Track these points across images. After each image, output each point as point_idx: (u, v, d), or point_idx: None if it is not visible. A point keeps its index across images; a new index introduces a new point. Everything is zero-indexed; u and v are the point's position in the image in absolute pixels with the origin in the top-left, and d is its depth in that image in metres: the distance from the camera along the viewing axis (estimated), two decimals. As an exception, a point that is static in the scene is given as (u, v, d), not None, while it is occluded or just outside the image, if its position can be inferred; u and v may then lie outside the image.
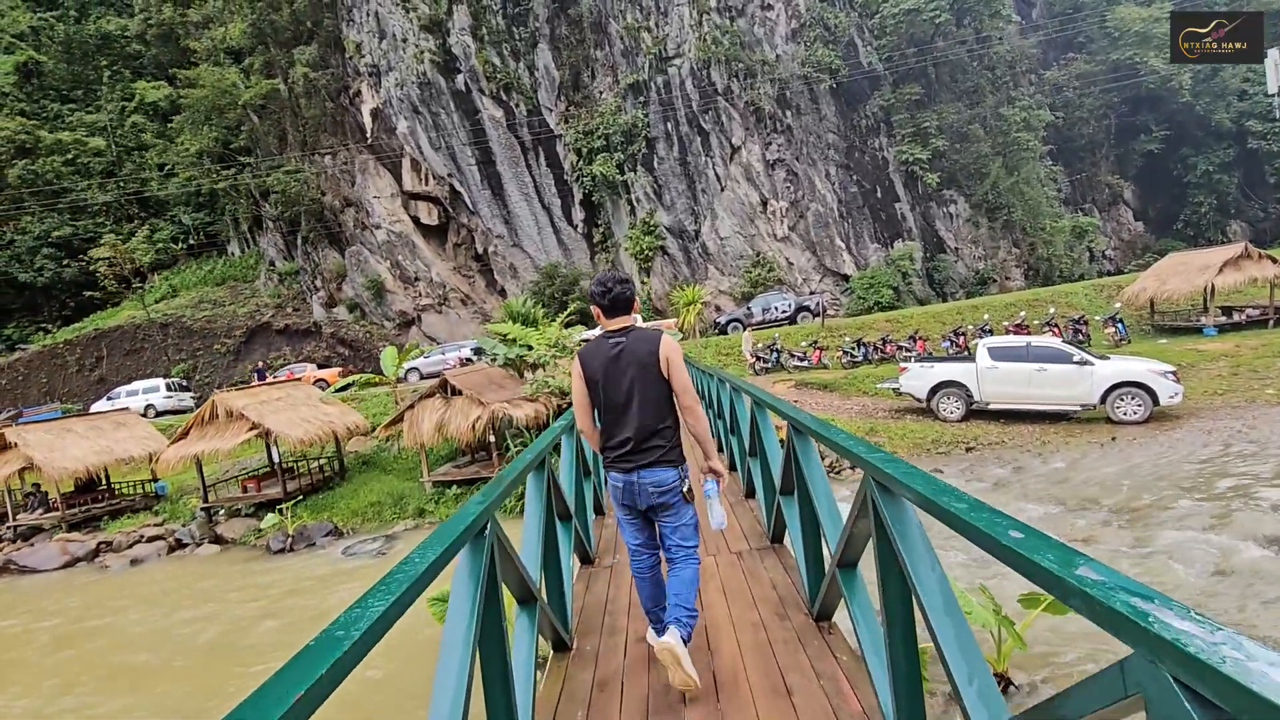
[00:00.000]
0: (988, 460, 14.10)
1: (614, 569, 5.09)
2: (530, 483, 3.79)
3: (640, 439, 3.22)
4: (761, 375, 22.08)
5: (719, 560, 4.91)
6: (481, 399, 15.30)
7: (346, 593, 11.16)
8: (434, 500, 15.85)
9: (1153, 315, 22.56)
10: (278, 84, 36.21)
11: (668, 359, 3.22)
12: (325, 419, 17.29)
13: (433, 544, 1.97)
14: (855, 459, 2.56)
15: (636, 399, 3.20)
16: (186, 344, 36.25)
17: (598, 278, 3.35)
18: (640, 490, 3.25)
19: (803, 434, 3.75)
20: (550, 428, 5.10)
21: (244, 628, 10.67)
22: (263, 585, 12.46)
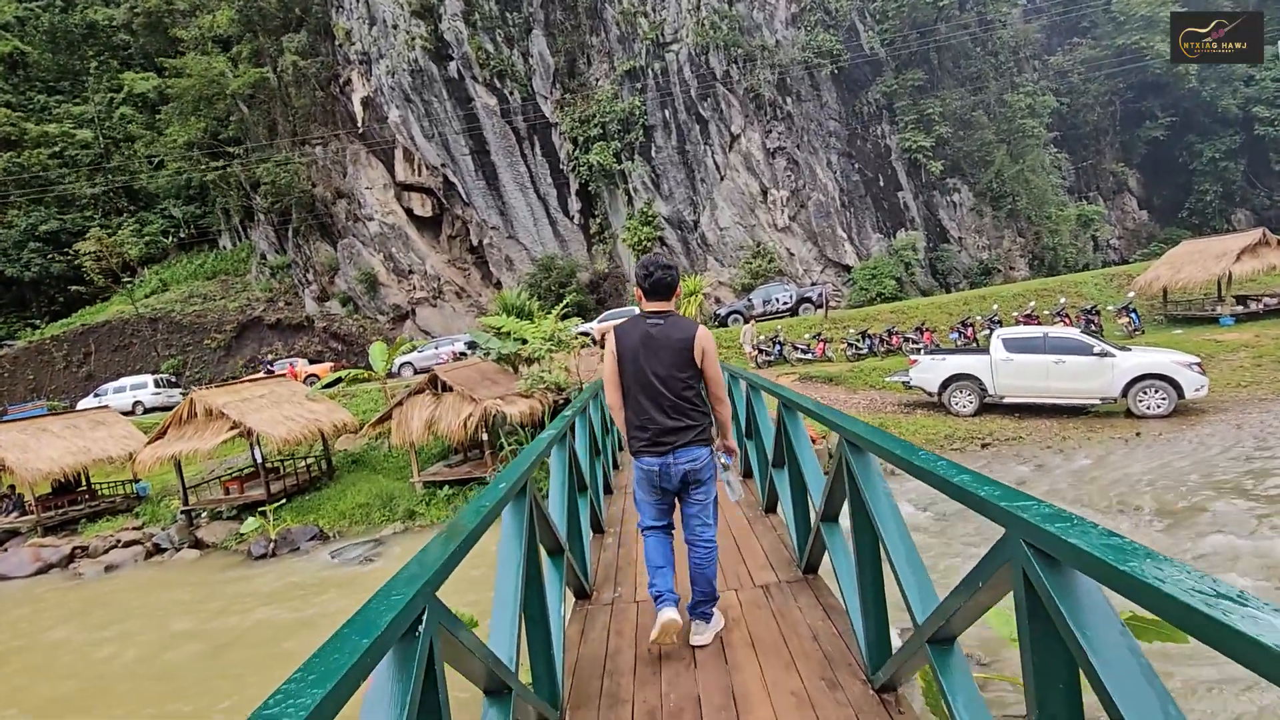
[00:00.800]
0: (1006, 458, 13.29)
1: (621, 536, 5.54)
2: (554, 454, 4.13)
3: (674, 421, 3.28)
4: (764, 368, 21.24)
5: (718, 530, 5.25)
6: (473, 395, 14.43)
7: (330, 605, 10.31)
8: (425, 501, 15.00)
9: (1166, 305, 21.74)
10: (266, 73, 35.11)
11: (703, 349, 3.30)
12: (311, 417, 16.41)
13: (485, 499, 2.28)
14: (829, 424, 2.98)
15: (672, 382, 3.26)
16: (176, 339, 35.26)
17: (643, 260, 3.37)
18: (675, 472, 3.31)
19: (791, 410, 4.21)
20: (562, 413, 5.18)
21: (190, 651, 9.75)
22: (238, 596, 11.60)
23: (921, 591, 2.31)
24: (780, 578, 4.15)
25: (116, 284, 38.34)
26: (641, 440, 3.31)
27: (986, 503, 1.64)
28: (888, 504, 2.58)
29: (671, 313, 3.34)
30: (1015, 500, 1.58)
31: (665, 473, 3.28)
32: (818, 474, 3.95)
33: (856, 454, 2.72)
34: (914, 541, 2.53)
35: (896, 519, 2.54)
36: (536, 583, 2.79)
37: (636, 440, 3.33)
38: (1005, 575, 1.69)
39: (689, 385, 3.27)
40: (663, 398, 3.23)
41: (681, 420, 3.25)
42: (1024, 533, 1.51)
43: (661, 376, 3.23)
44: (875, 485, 2.65)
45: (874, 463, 2.68)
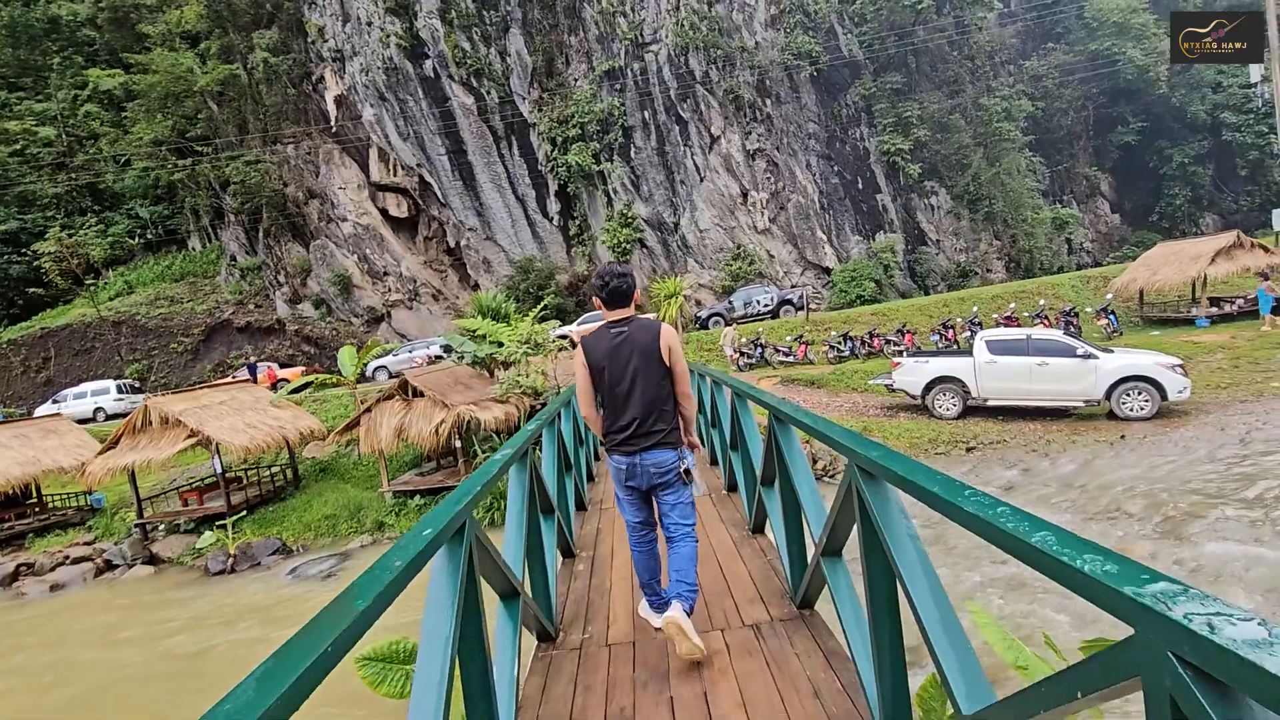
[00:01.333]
0: (991, 461, 12.96)
1: (595, 561, 4.89)
2: (513, 476, 3.68)
3: (643, 423, 3.33)
4: (745, 371, 20.81)
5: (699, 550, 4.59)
6: (446, 401, 13.78)
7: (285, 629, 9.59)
8: (394, 511, 14.30)
9: (1142, 306, 21.73)
10: (236, 69, 33.98)
11: (669, 347, 3.34)
12: (275, 424, 15.60)
13: (407, 547, 1.83)
14: (838, 446, 2.49)
15: (640, 385, 3.31)
16: (141, 343, 33.96)
17: (598, 270, 3.41)
18: (642, 471, 3.37)
19: (784, 422, 3.64)
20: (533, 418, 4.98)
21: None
22: (188, 618, 10.82)
23: (965, 671, 1.78)
24: (772, 614, 3.62)
25: (79, 286, 36.83)
26: (614, 440, 3.41)
27: (1100, 586, 1.09)
28: (912, 547, 2.07)
29: (633, 317, 3.43)
30: (1149, 583, 1.05)
31: (633, 471, 3.38)
32: (814, 495, 3.42)
33: (872, 483, 2.23)
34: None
35: (923, 564, 2.04)
36: (475, 644, 2.28)
37: (610, 440, 3.45)
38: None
39: (660, 386, 3.35)
40: (635, 402, 3.32)
41: (652, 424, 3.34)
42: (1169, 641, 0.99)
43: (632, 381, 3.31)
44: (895, 523, 2.15)
45: (893, 494, 2.18)
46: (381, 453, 14.21)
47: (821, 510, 3.23)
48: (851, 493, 2.37)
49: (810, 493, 3.43)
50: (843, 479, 2.45)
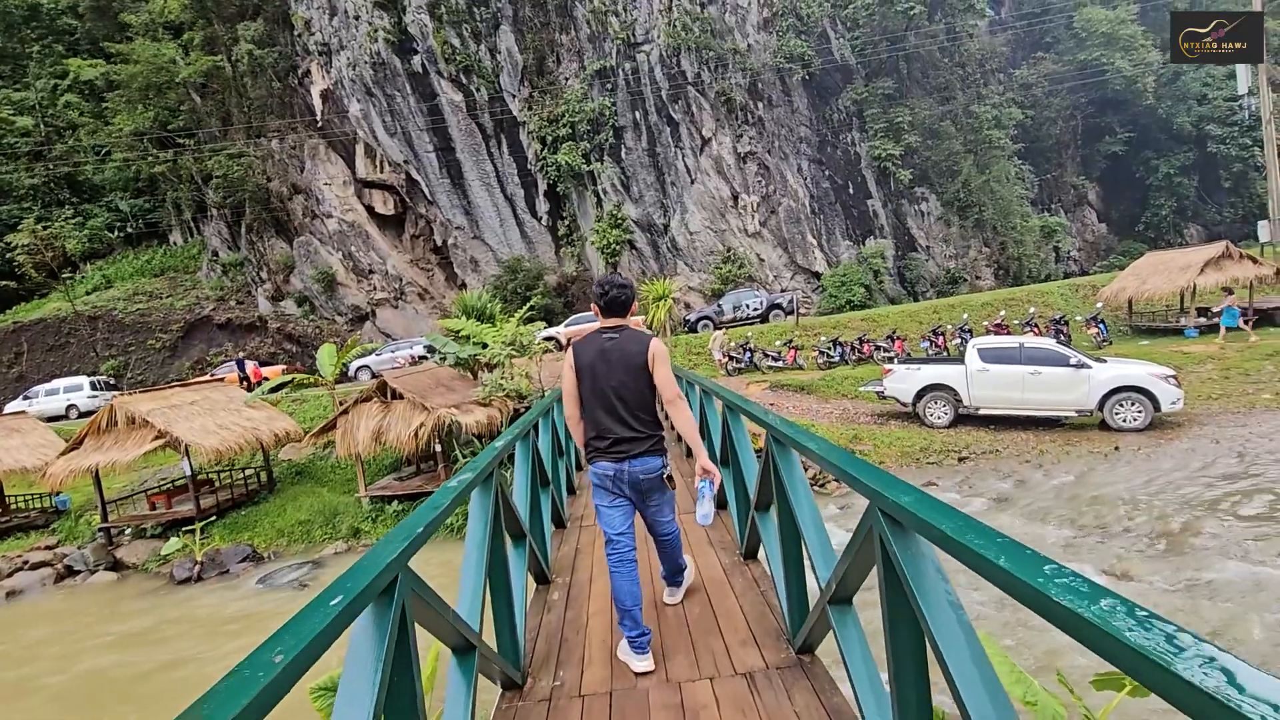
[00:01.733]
0: (984, 472, 12.65)
1: (571, 587, 4.45)
2: (475, 500, 3.22)
3: (631, 431, 3.33)
4: (734, 376, 20.44)
5: None
6: (425, 403, 13.26)
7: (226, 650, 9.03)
8: (371, 518, 13.75)
9: (1131, 315, 21.61)
10: (220, 61, 33.21)
11: (654, 355, 3.34)
12: (249, 425, 15.00)
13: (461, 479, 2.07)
14: (857, 485, 2.03)
15: (627, 394, 3.32)
16: (117, 339, 33.04)
17: (600, 279, 3.48)
18: (630, 477, 3.35)
19: (784, 445, 3.24)
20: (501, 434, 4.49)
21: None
22: (123, 632, 10.20)
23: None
24: (768, 660, 3.18)
25: (54, 279, 35.82)
26: (599, 447, 3.38)
27: None
28: (953, 616, 1.66)
29: (625, 327, 3.44)
30: None
31: (619, 477, 3.35)
32: (818, 527, 3.00)
33: (900, 534, 1.83)
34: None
35: (968, 636, 1.63)
36: None
37: (593, 448, 3.41)
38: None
39: (645, 396, 3.37)
40: (620, 409, 3.33)
41: (638, 430, 3.34)
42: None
43: (618, 389, 3.32)
44: (930, 584, 1.75)
45: (928, 549, 1.80)
46: (358, 456, 13.66)
47: (827, 545, 2.90)
48: (873, 540, 2.00)
49: (813, 524, 3.02)
50: (862, 522, 2.08)
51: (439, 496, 2.57)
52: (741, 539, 4.56)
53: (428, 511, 2.36)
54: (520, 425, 4.79)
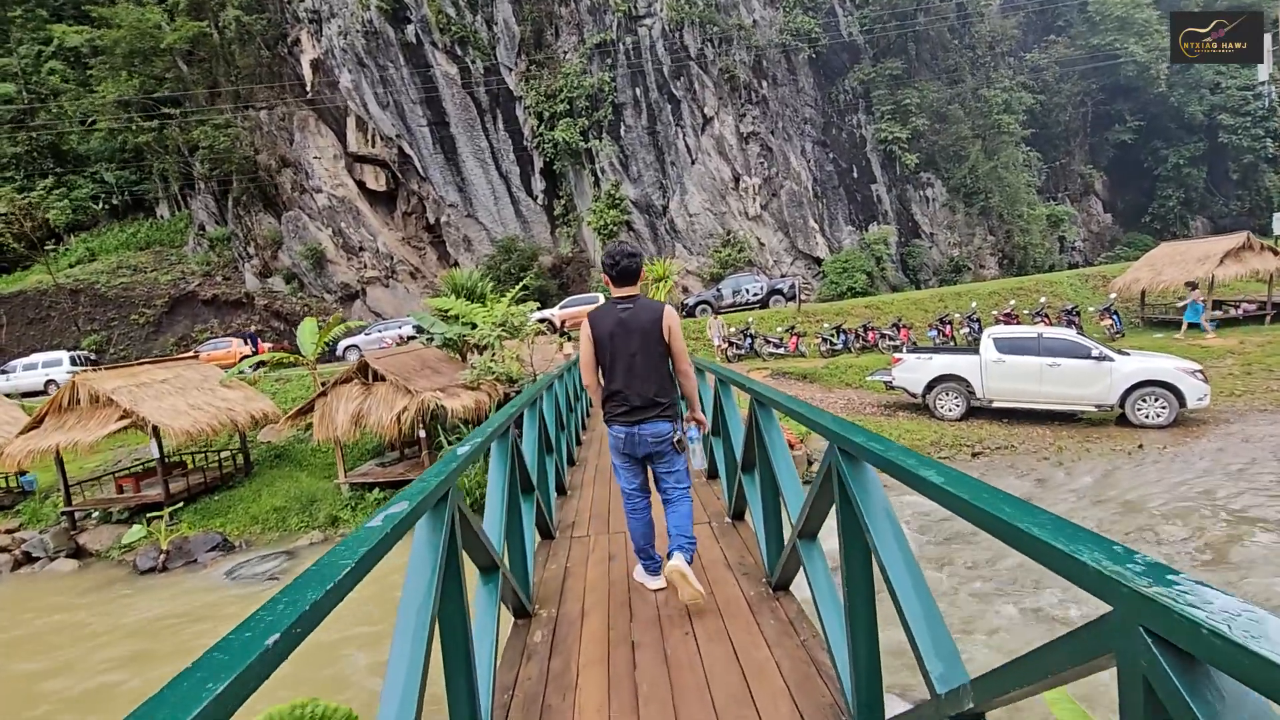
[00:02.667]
0: (1000, 469, 11.84)
1: (571, 544, 4.77)
2: (494, 451, 3.58)
3: (644, 396, 3.48)
4: (734, 363, 19.56)
5: None
6: (409, 386, 12.33)
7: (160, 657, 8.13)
8: (350, 506, 12.86)
9: (1143, 307, 20.79)
10: (206, 27, 31.72)
11: (669, 327, 3.48)
12: (223, 406, 14.04)
13: (390, 513, 1.78)
14: (819, 428, 2.44)
15: (641, 360, 3.47)
16: (100, 313, 31.87)
17: (608, 249, 3.58)
18: (640, 440, 3.52)
19: (765, 406, 3.58)
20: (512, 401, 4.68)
21: None
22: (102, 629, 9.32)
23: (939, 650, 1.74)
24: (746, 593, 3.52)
25: (36, 251, 34.54)
26: (615, 412, 3.54)
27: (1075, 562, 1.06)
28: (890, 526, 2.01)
29: (639, 296, 3.54)
30: (1124, 560, 1.03)
31: (631, 439, 3.53)
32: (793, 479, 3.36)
33: (852, 464, 2.17)
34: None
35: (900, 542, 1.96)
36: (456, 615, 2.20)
37: (610, 412, 3.57)
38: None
39: (659, 363, 3.49)
40: (636, 375, 3.46)
41: (651, 396, 3.47)
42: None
43: (634, 356, 3.45)
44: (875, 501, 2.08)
45: (872, 474, 2.13)
46: (338, 441, 12.74)
47: (800, 494, 3.15)
48: (831, 474, 2.32)
49: (790, 477, 3.36)
50: (823, 461, 2.41)
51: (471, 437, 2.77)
52: (730, 501, 4.87)
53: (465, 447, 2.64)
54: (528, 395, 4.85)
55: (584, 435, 9.67)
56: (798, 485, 3.26)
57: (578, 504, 5.92)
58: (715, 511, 5.10)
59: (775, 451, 3.44)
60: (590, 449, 8.64)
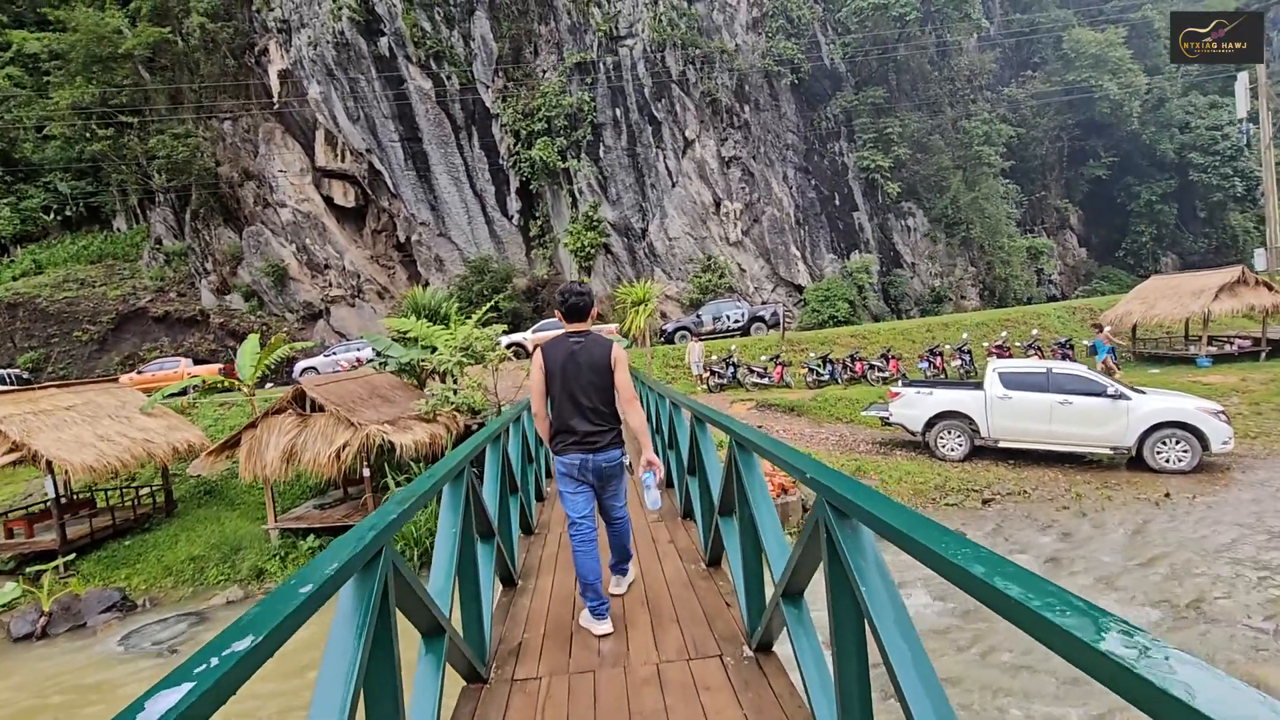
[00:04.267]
0: (1015, 519, 10.47)
1: (535, 591, 4.34)
2: (446, 494, 3.22)
3: (595, 426, 3.60)
4: (716, 393, 18.11)
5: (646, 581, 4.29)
6: (352, 418, 10.58)
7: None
8: (279, 556, 10.96)
9: (1134, 342, 19.92)
10: (169, 34, 29.95)
11: (615, 360, 3.61)
12: (139, 436, 12.09)
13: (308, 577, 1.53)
14: (807, 480, 2.18)
15: (594, 393, 3.60)
16: (39, 329, 29.35)
17: (562, 287, 3.75)
18: (595, 467, 3.63)
19: (746, 449, 3.27)
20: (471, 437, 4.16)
21: None
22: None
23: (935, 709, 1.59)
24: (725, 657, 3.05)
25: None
26: (567, 441, 3.65)
27: None
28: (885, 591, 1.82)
29: (589, 332, 3.71)
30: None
31: (584, 466, 3.62)
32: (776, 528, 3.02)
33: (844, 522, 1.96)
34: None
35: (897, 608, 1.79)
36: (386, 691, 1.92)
37: (561, 441, 3.67)
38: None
39: (608, 395, 3.63)
40: (586, 406, 3.59)
41: (601, 425, 3.62)
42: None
43: (585, 388, 3.58)
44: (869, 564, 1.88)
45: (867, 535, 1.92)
46: (268, 481, 10.90)
47: (783, 546, 2.92)
48: (819, 530, 2.12)
49: (772, 526, 3.04)
50: (810, 515, 2.21)
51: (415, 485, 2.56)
52: (706, 546, 4.52)
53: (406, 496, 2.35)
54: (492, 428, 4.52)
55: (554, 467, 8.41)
56: (780, 536, 3.06)
57: (544, 546, 5.35)
58: (690, 555, 4.72)
59: (756, 497, 3.17)
60: None
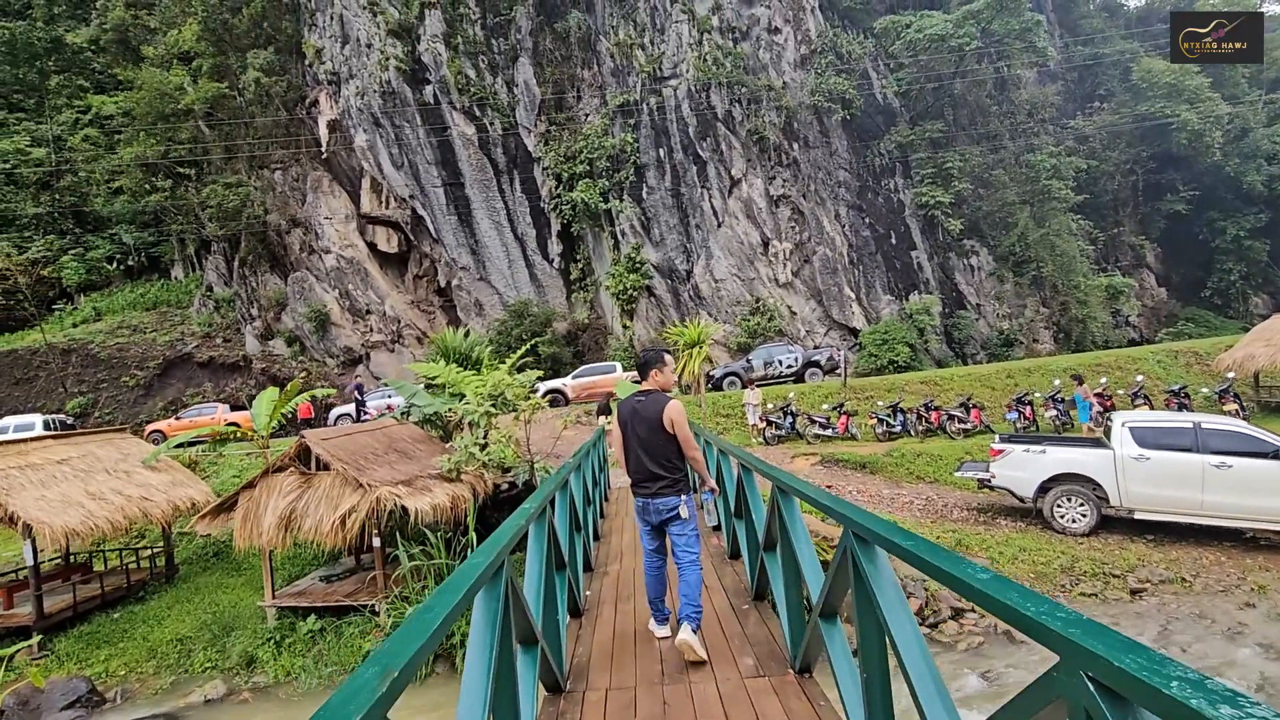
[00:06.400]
0: (1186, 620, 8.01)
1: (598, 621, 4.80)
2: (532, 532, 3.66)
3: (650, 475, 4.06)
4: (774, 445, 16.00)
5: None
6: (361, 477, 8.93)
7: None
8: (274, 640, 9.21)
9: (1258, 390, 17.08)
10: (226, 89, 30.50)
11: (671, 419, 4.02)
12: (137, 493, 10.69)
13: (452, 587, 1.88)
14: (833, 513, 2.60)
15: (651, 446, 4.04)
16: (89, 374, 29.21)
17: (644, 347, 4.67)
18: (654, 509, 4.08)
19: (786, 494, 3.70)
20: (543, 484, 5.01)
21: None
22: None
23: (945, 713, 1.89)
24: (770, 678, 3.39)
25: (48, 310, 32.50)
26: (634, 484, 4.17)
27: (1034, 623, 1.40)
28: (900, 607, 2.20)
29: (652, 390, 4.21)
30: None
31: (645, 508, 4.11)
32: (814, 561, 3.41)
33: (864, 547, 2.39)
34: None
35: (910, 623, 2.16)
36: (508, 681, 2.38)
37: (632, 483, 4.19)
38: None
39: (663, 447, 4.03)
40: (645, 457, 4.06)
41: (658, 473, 4.02)
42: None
43: (644, 440, 4.05)
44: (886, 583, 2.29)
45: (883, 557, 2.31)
46: (266, 550, 9.27)
47: (820, 576, 3.19)
48: (846, 556, 2.42)
49: (810, 558, 3.41)
50: (839, 544, 2.54)
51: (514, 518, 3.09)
52: (752, 581, 4.82)
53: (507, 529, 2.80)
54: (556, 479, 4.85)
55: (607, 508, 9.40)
56: (817, 567, 3.31)
57: (603, 582, 5.80)
58: (737, 591, 5.06)
59: (796, 535, 3.47)
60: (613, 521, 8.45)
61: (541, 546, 3.52)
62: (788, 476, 3.61)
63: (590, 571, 6.15)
